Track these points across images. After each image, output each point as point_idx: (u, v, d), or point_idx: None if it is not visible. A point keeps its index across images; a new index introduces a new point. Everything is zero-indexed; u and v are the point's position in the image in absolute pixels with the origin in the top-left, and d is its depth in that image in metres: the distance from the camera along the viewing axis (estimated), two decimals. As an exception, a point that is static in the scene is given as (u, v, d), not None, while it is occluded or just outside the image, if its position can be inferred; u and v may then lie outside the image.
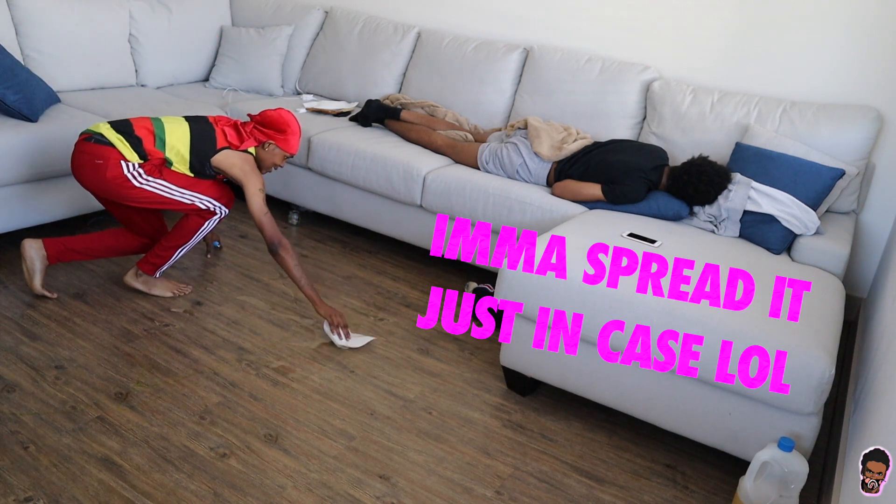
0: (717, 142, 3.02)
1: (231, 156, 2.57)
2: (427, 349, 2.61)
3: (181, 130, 2.52)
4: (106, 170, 2.42)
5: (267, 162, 2.66)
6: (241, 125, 2.64)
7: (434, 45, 3.76)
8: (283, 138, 2.61)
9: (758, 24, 3.12)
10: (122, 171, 2.43)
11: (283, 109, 2.63)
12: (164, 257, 2.67)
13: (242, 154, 2.60)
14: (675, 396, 2.05)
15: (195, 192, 2.56)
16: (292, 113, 2.64)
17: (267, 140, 2.61)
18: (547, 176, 3.02)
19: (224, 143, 2.57)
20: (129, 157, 2.44)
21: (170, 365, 2.32)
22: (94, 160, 2.42)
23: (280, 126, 2.60)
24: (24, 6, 3.31)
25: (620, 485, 2.03)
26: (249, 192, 2.53)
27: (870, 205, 3.03)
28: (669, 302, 2.00)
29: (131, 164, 2.44)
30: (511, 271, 2.20)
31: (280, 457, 1.96)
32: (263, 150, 2.64)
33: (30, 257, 2.55)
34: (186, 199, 2.55)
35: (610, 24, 3.45)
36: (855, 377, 2.38)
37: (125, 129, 2.47)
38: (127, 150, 2.44)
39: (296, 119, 2.64)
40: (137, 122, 2.51)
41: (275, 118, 2.60)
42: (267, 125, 2.62)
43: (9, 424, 1.96)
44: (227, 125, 2.62)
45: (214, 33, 4.15)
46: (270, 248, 2.50)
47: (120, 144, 2.43)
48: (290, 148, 2.64)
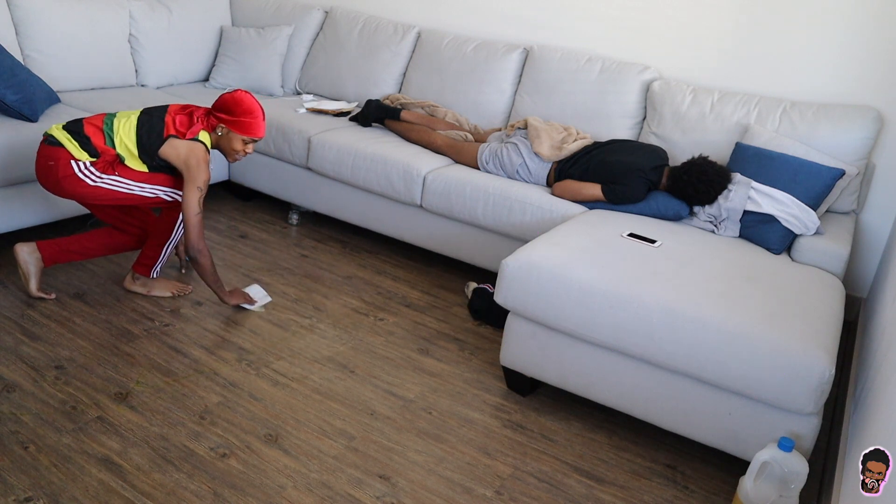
0: (717, 142, 3.02)
1: (176, 145, 2.41)
2: (427, 349, 2.61)
3: (129, 124, 2.43)
4: (57, 170, 2.37)
5: (227, 148, 2.51)
6: (193, 111, 2.48)
7: (434, 45, 3.76)
8: (234, 120, 2.43)
9: (758, 24, 3.12)
10: (72, 171, 2.37)
11: (241, 90, 2.47)
12: (153, 257, 2.67)
13: (189, 143, 2.42)
14: (675, 396, 2.05)
15: (155, 185, 2.47)
16: (249, 93, 2.48)
17: (218, 124, 2.46)
18: (547, 176, 3.02)
19: (171, 132, 2.42)
20: (79, 156, 2.37)
21: (170, 365, 2.32)
22: (47, 162, 2.39)
23: (231, 108, 2.44)
24: (24, 6, 3.31)
25: (620, 485, 2.03)
26: (187, 186, 2.40)
27: (870, 205, 3.03)
28: (669, 302, 2.00)
29: (82, 163, 2.38)
30: (511, 271, 2.20)
31: (280, 457, 1.96)
32: (217, 135, 2.49)
33: (23, 261, 2.54)
34: (148, 193, 2.47)
35: (610, 24, 3.45)
36: (855, 377, 2.38)
37: (74, 129, 2.41)
38: (75, 149, 2.38)
39: (253, 98, 2.48)
40: (89, 120, 2.43)
41: (227, 101, 2.45)
42: (220, 109, 2.46)
43: (9, 424, 1.96)
44: (180, 112, 2.47)
45: (214, 33, 4.15)
46: (188, 251, 2.44)
47: (68, 144, 2.38)
48: (244, 130, 2.46)
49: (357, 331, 2.67)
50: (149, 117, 2.45)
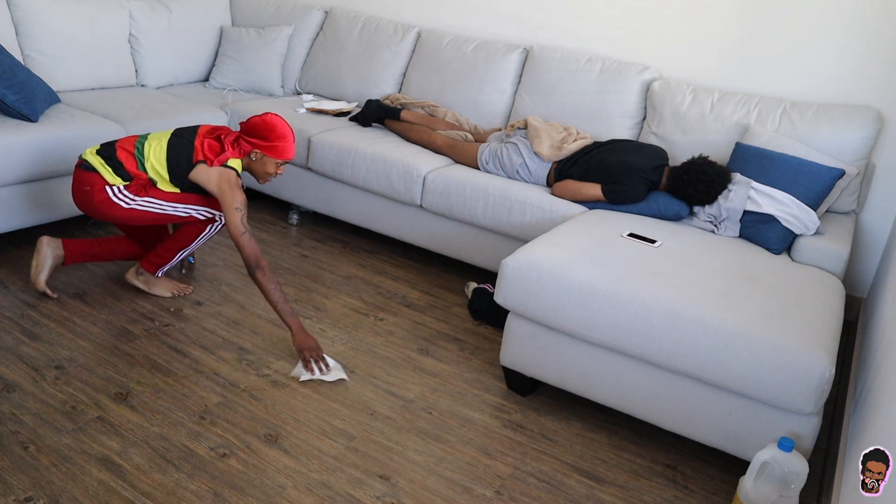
0: (717, 142, 3.02)
1: (207, 172, 2.44)
2: (427, 349, 2.61)
3: (159, 147, 2.47)
4: (93, 195, 2.44)
5: (259, 171, 2.52)
6: (224, 136, 2.49)
7: (434, 45, 3.76)
8: (268, 146, 2.45)
9: (758, 24, 3.12)
10: (107, 196, 2.44)
11: (271, 114, 2.47)
12: (165, 258, 2.68)
13: (219, 170, 2.44)
14: (675, 396, 2.05)
15: (188, 205, 2.54)
16: (279, 116, 2.48)
17: (252, 150, 2.47)
18: (547, 176, 3.02)
19: (200, 157, 2.45)
20: (112, 181, 2.44)
21: (170, 365, 2.32)
22: (83, 187, 2.46)
23: (264, 133, 2.44)
24: (24, 6, 3.31)
25: (620, 485, 2.03)
26: (225, 210, 2.40)
27: (870, 205, 3.03)
28: (669, 302, 2.00)
29: (116, 188, 2.44)
30: (511, 271, 2.20)
31: (280, 457, 1.96)
32: (251, 160, 2.50)
33: (44, 254, 2.56)
34: (181, 213, 2.55)
35: (610, 24, 3.45)
36: (855, 377, 2.38)
37: (107, 154, 2.47)
38: (109, 175, 2.44)
39: (284, 122, 2.47)
40: (122, 145, 2.49)
41: (259, 125, 2.45)
42: (252, 133, 2.46)
43: (9, 424, 1.96)
44: (209, 136, 2.49)
45: (214, 33, 4.15)
46: (248, 269, 2.37)
47: (102, 170, 2.44)
48: (278, 154, 2.47)
49: (357, 331, 2.67)
50: (179, 140, 2.48)
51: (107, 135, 3.01)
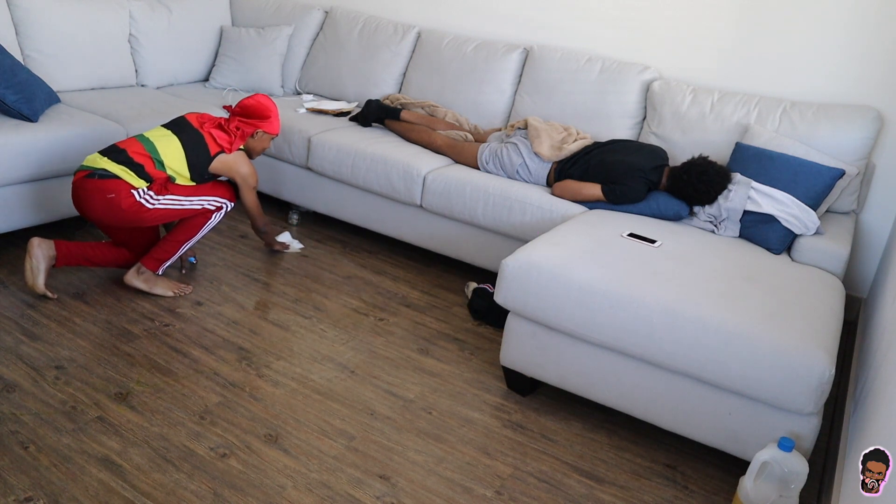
0: (717, 142, 3.02)
1: (228, 160, 2.70)
2: (427, 349, 2.61)
3: (173, 147, 2.58)
4: (120, 202, 2.47)
5: (257, 149, 2.84)
6: (224, 123, 2.73)
7: (434, 45, 3.76)
8: (267, 124, 2.77)
9: (758, 24, 3.12)
10: (135, 200, 2.50)
11: (259, 95, 2.76)
12: (169, 252, 2.69)
13: (237, 155, 2.73)
14: (675, 396, 2.05)
15: (203, 196, 2.66)
16: (266, 95, 2.81)
17: (254, 130, 2.75)
18: (547, 176, 3.02)
19: (217, 149, 2.67)
20: (137, 185, 2.51)
21: (170, 365, 2.32)
22: (106, 195, 2.47)
23: (263, 113, 2.74)
24: (24, 6, 3.31)
25: (620, 485, 2.03)
26: (246, 190, 2.80)
27: (870, 205, 3.03)
28: (669, 302, 2.00)
29: (141, 190, 2.51)
30: (511, 271, 2.20)
31: (280, 457, 1.96)
32: (253, 139, 2.80)
33: (36, 256, 2.53)
34: (196, 205, 2.65)
35: (610, 24, 3.45)
36: (855, 377, 2.38)
37: (124, 159, 2.50)
38: (133, 179, 2.50)
39: (269, 99, 2.78)
40: (130, 148, 2.53)
41: (255, 106, 2.73)
42: (250, 115, 2.74)
43: (9, 424, 1.96)
44: (213, 126, 2.69)
45: (214, 33, 4.15)
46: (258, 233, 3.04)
47: (125, 175, 2.49)
48: (275, 129, 2.81)
49: (357, 331, 2.67)
50: (187, 137, 2.62)
51: (107, 134, 3.01)
